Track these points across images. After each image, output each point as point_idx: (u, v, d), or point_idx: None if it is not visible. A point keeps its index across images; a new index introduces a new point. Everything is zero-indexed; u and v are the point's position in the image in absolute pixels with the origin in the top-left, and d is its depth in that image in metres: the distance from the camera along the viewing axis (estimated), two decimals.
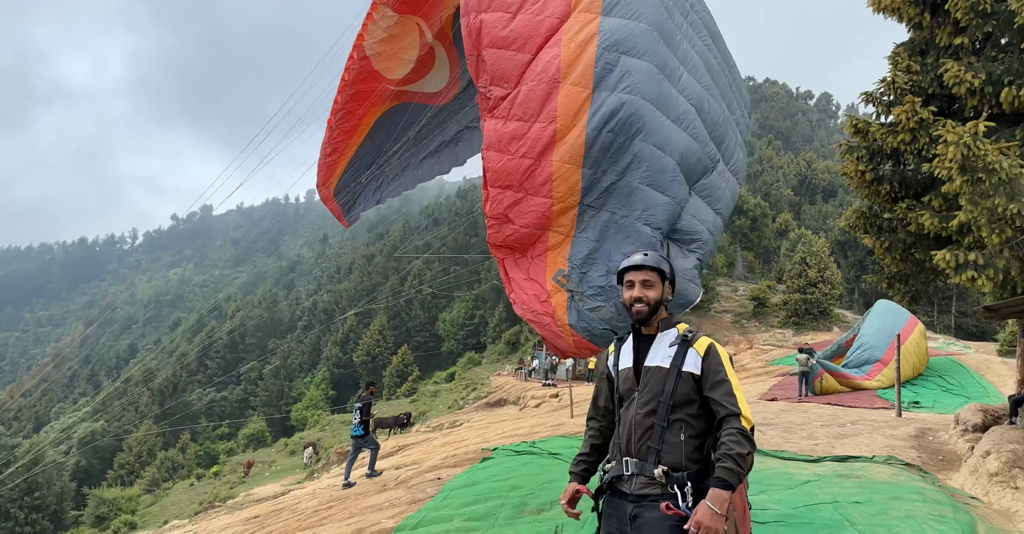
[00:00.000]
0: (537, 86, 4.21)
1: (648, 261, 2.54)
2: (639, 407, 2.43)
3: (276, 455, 40.71)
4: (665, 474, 2.30)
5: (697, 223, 4.43)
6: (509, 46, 4.27)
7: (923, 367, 16.73)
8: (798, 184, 69.93)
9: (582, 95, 4.10)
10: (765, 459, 7.62)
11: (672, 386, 2.38)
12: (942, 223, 5.38)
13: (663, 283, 2.54)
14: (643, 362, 2.50)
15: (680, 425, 2.36)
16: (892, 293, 7.18)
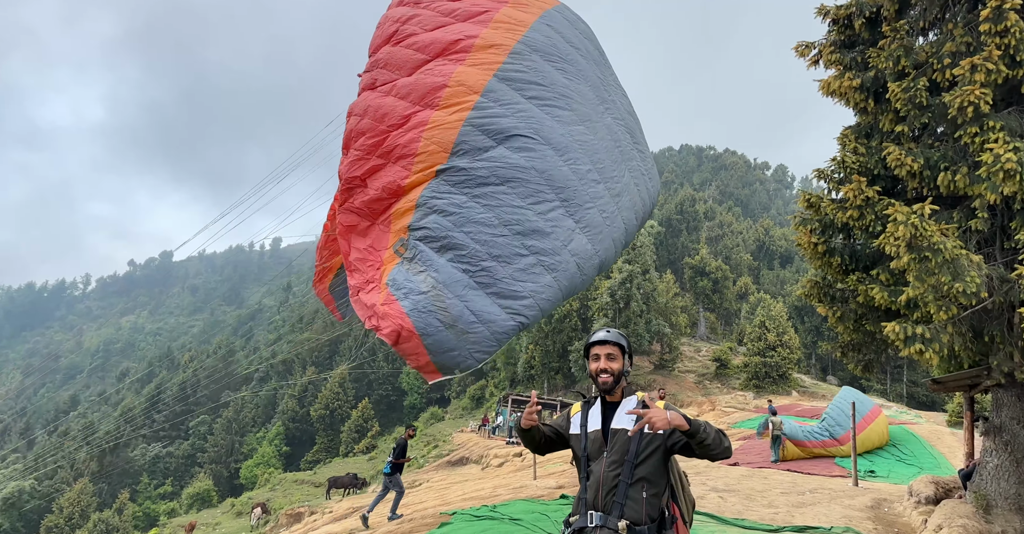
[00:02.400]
0: (424, 78, 4.26)
1: (610, 337, 2.88)
2: (607, 466, 2.69)
3: (221, 516, 38.32)
4: (628, 528, 2.55)
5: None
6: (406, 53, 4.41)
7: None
8: (757, 249, 72.38)
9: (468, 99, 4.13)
10: (727, 527, 7.55)
11: (636, 447, 2.66)
12: (891, 297, 5.63)
13: (623, 356, 2.85)
14: (610, 425, 2.78)
15: (642, 484, 2.62)
16: (846, 361, 7.39)
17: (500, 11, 4.81)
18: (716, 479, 11.83)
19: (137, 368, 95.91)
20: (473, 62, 4.30)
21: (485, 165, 3.96)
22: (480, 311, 3.72)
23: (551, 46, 4.73)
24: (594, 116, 4.71)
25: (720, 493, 10.19)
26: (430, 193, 3.89)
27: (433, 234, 3.81)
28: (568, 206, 4.13)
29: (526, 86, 4.35)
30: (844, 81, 6.69)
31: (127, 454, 62.40)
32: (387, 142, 4.09)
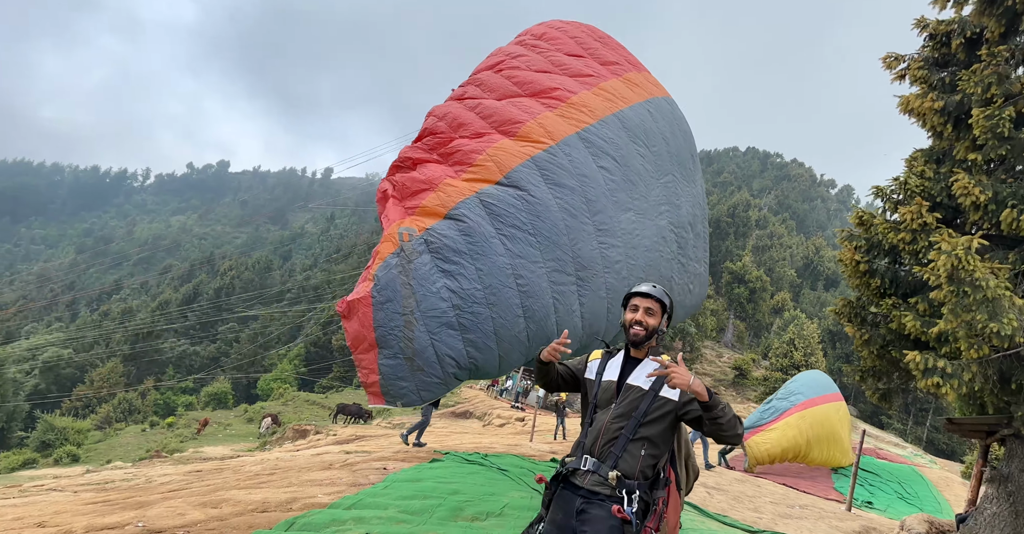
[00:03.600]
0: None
1: (655, 292, 2.84)
2: (612, 418, 2.70)
3: (234, 419, 40.42)
4: (618, 478, 2.55)
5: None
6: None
7: (844, 456, 16.05)
8: (803, 267, 70.37)
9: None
10: (707, 520, 7.73)
11: (646, 406, 2.66)
12: (923, 327, 5.58)
13: (663, 315, 2.83)
14: (626, 379, 2.77)
15: (643, 442, 2.63)
16: (865, 387, 7.36)
17: (608, 81, 4.75)
18: (708, 477, 12.00)
19: (179, 267, 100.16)
20: (562, 113, 4.27)
21: (526, 208, 3.82)
22: (444, 354, 3.54)
23: (642, 131, 4.63)
24: (650, 213, 4.55)
25: (709, 490, 10.37)
26: (466, 210, 3.75)
27: (443, 254, 3.62)
28: (582, 286, 3.96)
29: (601, 155, 4.27)
30: (926, 101, 6.44)
31: (157, 345, 65.93)
32: (452, 144, 4.09)
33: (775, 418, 15.54)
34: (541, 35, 5.07)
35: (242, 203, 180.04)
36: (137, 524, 6.06)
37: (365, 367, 3.48)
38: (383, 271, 3.53)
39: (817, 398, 15.91)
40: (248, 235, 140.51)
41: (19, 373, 52.49)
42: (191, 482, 9.10)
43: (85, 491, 9.02)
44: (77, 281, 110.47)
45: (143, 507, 6.96)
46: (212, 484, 8.57)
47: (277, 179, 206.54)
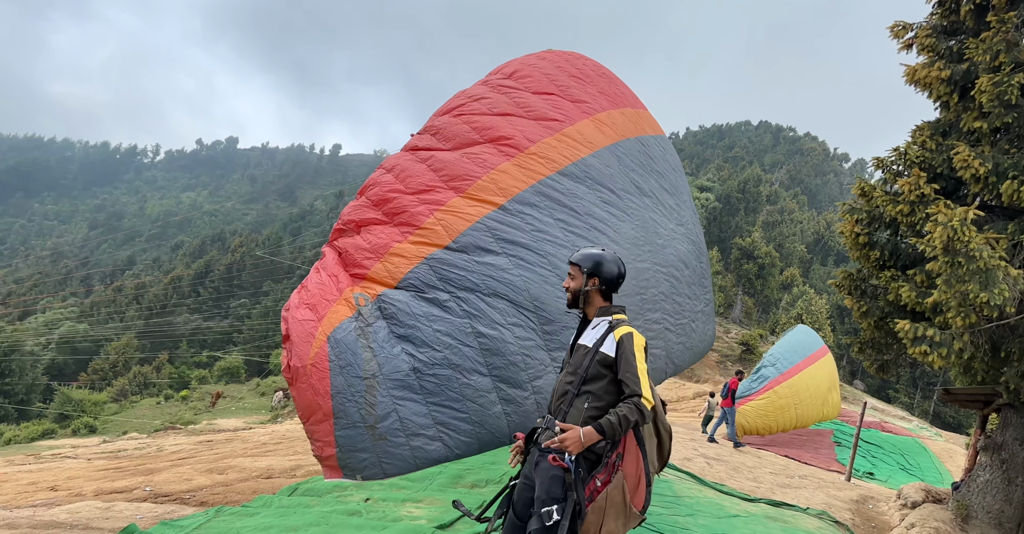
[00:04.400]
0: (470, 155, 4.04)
1: (572, 257, 3.05)
2: (565, 375, 2.91)
3: (246, 393, 41.20)
4: (564, 432, 2.66)
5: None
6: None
7: (834, 410, 16.20)
8: (813, 242, 69.83)
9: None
10: (704, 489, 7.86)
11: (588, 362, 2.80)
12: (919, 298, 5.56)
13: (584, 276, 2.96)
14: (578, 340, 2.96)
15: (588, 396, 2.77)
16: (863, 358, 7.37)
17: (575, 125, 4.53)
18: (709, 448, 12.15)
19: (191, 243, 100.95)
20: (519, 163, 4.08)
21: (479, 270, 3.66)
22: (408, 419, 3.30)
23: (607, 177, 4.48)
24: (626, 256, 4.32)
25: (709, 460, 10.52)
26: (415, 279, 3.57)
27: (399, 318, 3.44)
28: (549, 340, 3.78)
29: (558, 208, 4.09)
30: (932, 70, 6.28)
31: (171, 320, 66.90)
32: (397, 202, 3.84)
33: (763, 387, 15.55)
34: (511, 74, 4.82)
35: (251, 179, 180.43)
36: (145, 488, 6.27)
37: (319, 439, 3.18)
38: (341, 333, 3.31)
39: (802, 362, 15.83)
40: (258, 212, 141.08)
41: (36, 347, 53.55)
42: (200, 451, 9.36)
43: (99, 459, 9.30)
44: (90, 256, 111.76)
45: (152, 473, 7.19)
46: (220, 452, 8.81)
47: (286, 155, 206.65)
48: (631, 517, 2.75)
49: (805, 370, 15.64)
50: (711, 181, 71.41)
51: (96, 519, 4.82)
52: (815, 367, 15.90)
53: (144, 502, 5.62)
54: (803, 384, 15.34)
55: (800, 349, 16.29)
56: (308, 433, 3.19)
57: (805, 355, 16.05)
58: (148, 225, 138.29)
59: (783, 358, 15.95)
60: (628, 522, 2.75)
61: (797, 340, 16.82)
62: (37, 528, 4.40)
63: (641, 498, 2.78)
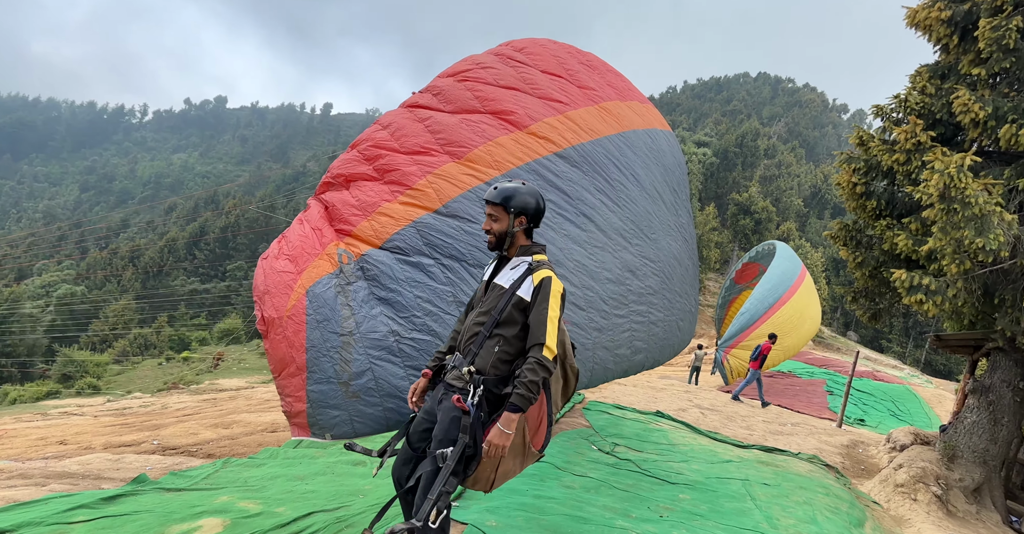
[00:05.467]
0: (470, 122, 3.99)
1: (491, 196, 2.79)
2: (476, 315, 2.78)
3: (247, 354, 41.64)
4: (470, 373, 2.66)
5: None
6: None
7: (815, 328, 16.30)
8: (810, 196, 69.66)
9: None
10: (699, 437, 8.06)
11: (503, 304, 2.68)
12: (914, 246, 5.58)
13: (510, 216, 2.78)
14: (493, 279, 2.83)
15: (499, 339, 2.68)
16: (856, 308, 7.46)
17: (578, 110, 4.46)
18: (704, 400, 12.41)
19: (184, 205, 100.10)
20: (516, 139, 4.03)
21: (465, 239, 3.61)
22: (384, 380, 3.20)
23: (604, 165, 4.42)
24: (611, 246, 4.33)
25: (703, 410, 10.76)
26: (400, 241, 3.49)
27: (381, 281, 3.36)
28: None
29: (548, 188, 4.07)
30: (933, 11, 6.12)
31: (168, 282, 66.96)
32: (389, 160, 3.76)
33: (749, 329, 15.48)
34: (521, 48, 4.73)
35: (242, 140, 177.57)
36: (152, 442, 6.42)
37: (290, 394, 3.07)
38: (320, 288, 3.23)
39: (785, 295, 15.72)
40: (250, 173, 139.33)
41: (35, 308, 53.75)
42: (205, 408, 9.53)
43: (105, 415, 9.46)
44: (84, 219, 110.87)
45: (159, 428, 7.35)
46: (224, 409, 8.97)
47: (276, 115, 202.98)
48: (529, 456, 2.75)
49: (788, 302, 15.53)
50: (708, 136, 70.59)
51: (107, 470, 4.95)
52: (797, 297, 15.75)
53: (152, 455, 5.76)
54: (787, 316, 15.24)
55: (783, 280, 15.91)
56: (279, 388, 3.10)
57: (787, 286, 15.87)
58: (140, 187, 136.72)
59: (766, 296, 15.70)
60: (525, 461, 2.76)
61: (778, 273, 16.26)
62: (50, 478, 4.52)
63: (541, 438, 2.76)
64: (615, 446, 6.66)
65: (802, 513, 5.18)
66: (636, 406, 9.53)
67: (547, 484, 5.01)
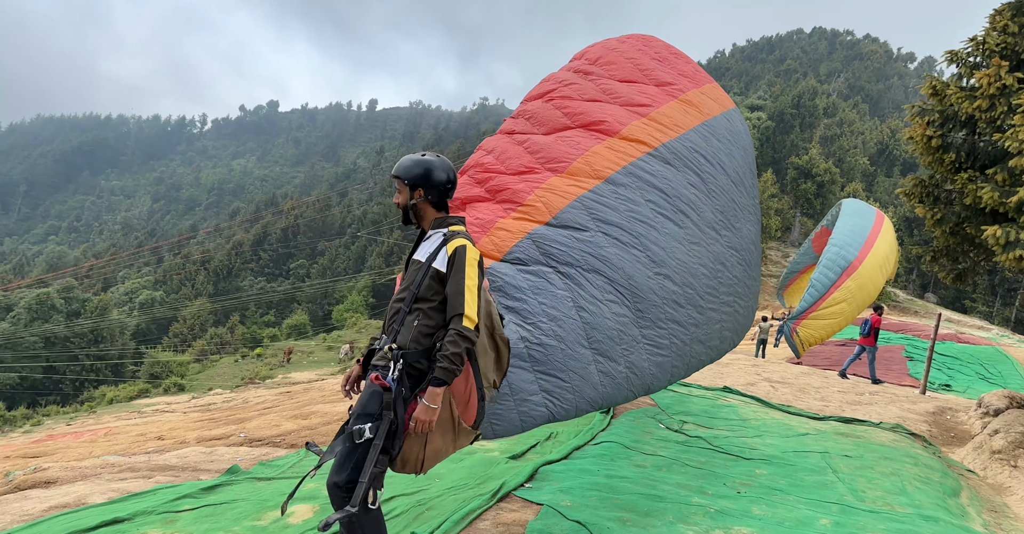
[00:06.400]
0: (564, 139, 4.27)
1: (395, 170, 2.79)
2: (397, 292, 2.74)
3: (315, 347, 43.30)
4: (391, 350, 2.56)
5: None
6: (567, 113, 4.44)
7: (891, 272, 15.14)
8: (877, 153, 65.93)
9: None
10: (770, 411, 7.86)
11: (420, 278, 2.62)
12: (1002, 198, 5.18)
13: (408, 189, 2.76)
14: (413, 255, 2.79)
15: (419, 314, 2.60)
16: (936, 269, 7.02)
17: (661, 107, 4.61)
18: (773, 373, 12.05)
19: (246, 209, 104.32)
20: (611, 146, 4.23)
21: (577, 246, 3.83)
22: (517, 385, 3.41)
23: (694, 159, 4.54)
24: (705, 240, 4.44)
25: (773, 384, 10.45)
26: (520, 252, 3.74)
27: (506, 291, 3.61)
28: (639, 319, 3.91)
29: (648, 189, 4.21)
30: None
31: (237, 283, 70.14)
32: (498, 181, 4.09)
33: (821, 298, 14.50)
34: (596, 59, 4.97)
35: (295, 142, 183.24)
36: (240, 434, 6.77)
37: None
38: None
39: (858, 256, 14.45)
40: (305, 174, 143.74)
41: (121, 314, 57.44)
42: (282, 400, 9.97)
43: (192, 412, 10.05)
44: (157, 227, 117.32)
45: (243, 421, 7.75)
46: (300, 401, 9.36)
47: (325, 115, 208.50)
48: (462, 433, 2.66)
49: (864, 261, 14.33)
50: (762, 99, 67.71)
51: (203, 462, 5.26)
52: (875, 251, 14.48)
53: (241, 446, 6.08)
54: (865, 274, 14.12)
55: (856, 237, 14.61)
56: None
57: (861, 242, 14.60)
58: (205, 194, 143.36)
59: (838, 258, 14.51)
60: (459, 438, 2.66)
61: (849, 230, 14.98)
62: (155, 470, 4.85)
63: (472, 414, 2.68)
64: (683, 423, 6.57)
65: (889, 484, 4.99)
66: (702, 383, 9.35)
67: (617, 463, 5.00)
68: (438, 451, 2.58)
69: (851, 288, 13.75)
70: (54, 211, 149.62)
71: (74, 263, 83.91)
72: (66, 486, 4.45)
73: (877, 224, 14.67)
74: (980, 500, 5.18)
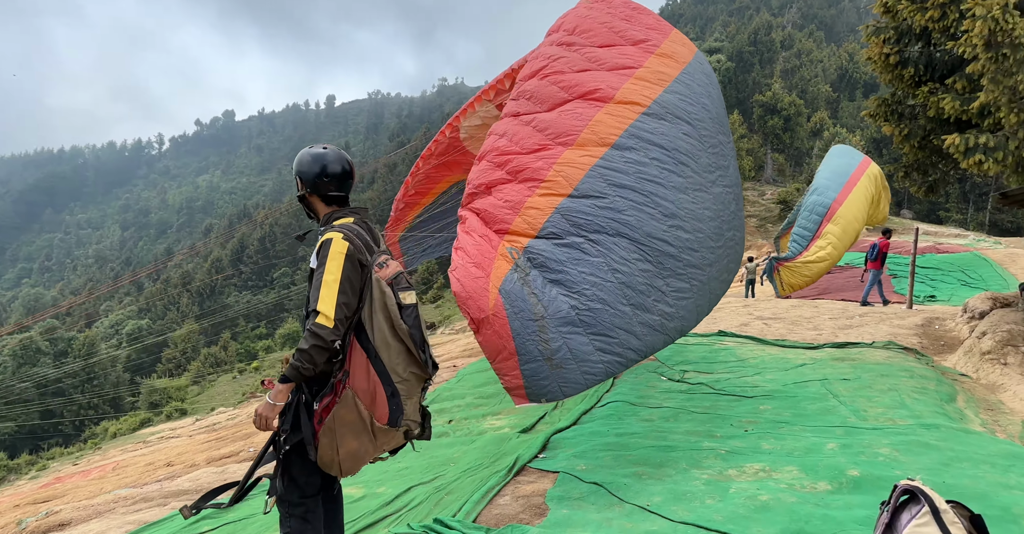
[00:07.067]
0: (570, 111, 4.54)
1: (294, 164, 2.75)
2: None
3: None
4: (287, 359, 2.46)
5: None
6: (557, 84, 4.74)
7: (882, 215, 15.50)
8: (837, 79, 65.99)
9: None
10: (766, 347, 7.96)
11: (309, 281, 2.55)
12: (963, 106, 5.19)
13: (298, 181, 2.74)
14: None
15: (313, 314, 2.45)
16: (909, 184, 7.08)
17: (644, 65, 4.89)
18: (764, 310, 12.18)
19: (219, 224, 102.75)
20: (609, 112, 4.49)
21: (600, 213, 4.12)
22: (576, 349, 3.82)
23: (683, 109, 4.80)
24: (705, 185, 4.73)
25: (765, 321, 10.56)
26: (552, 227, 4.04)
27: (549, 266, 3.94)
28: (662, 271, 4.24)
29: (650, 147, 4.48)
30: None
31: (222, 300, 69.49)
32: (517, 162, 4.32)
33: (805, 248, 14.79)
34: (574, 29, 5.23)
35: (258, 150, 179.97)
36: (248, 449, 6.75)
37: (507, 374, 3.77)
38: (509, 285, 3.83)
39: (842, 192, 14.57)
40: (273, 181, 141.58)
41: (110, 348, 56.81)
42: None
43: (199, 434, 9.99)
44: (131, 255, 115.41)
45: (249, 437, 7.72)
46: None
47: (284, 118, 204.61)
48: (380, 433, 2.49)
49: (847, 199, 14.48)
50: (719, 40, 67.19)
51: (215, 482, 5.24)
52: (858, 189, 14.63)
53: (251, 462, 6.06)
54: (848, 213, 14.32)
55: (837, 177, 14.81)
56: (497, 370, 3.79)
57: (843, 182, 14.75)
58: (175, 215, 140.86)
59: (819, 203, 14.65)
60: (378, 439, 2.50)
61: (831, 170, 15.17)
62: (168, 497, 4.83)
63: (383, 411, 2.48)
64: (684, 373, 6.64)
65: (889, 400, 5.09)
66: (696, 331, 9.43)
67: (626, 421, 5.05)
68: (354, 453, 2.46)
69: (834, 232, 13.95)
70: (23, 253, 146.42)
71: (52, 303, 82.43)
72: (81, 526, 4.41)
73: (861, 167, 14.83)
74: (976, 401, 5.32)
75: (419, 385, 2.61)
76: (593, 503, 3.48)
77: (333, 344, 2.36)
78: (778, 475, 3.71)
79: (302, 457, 2.45)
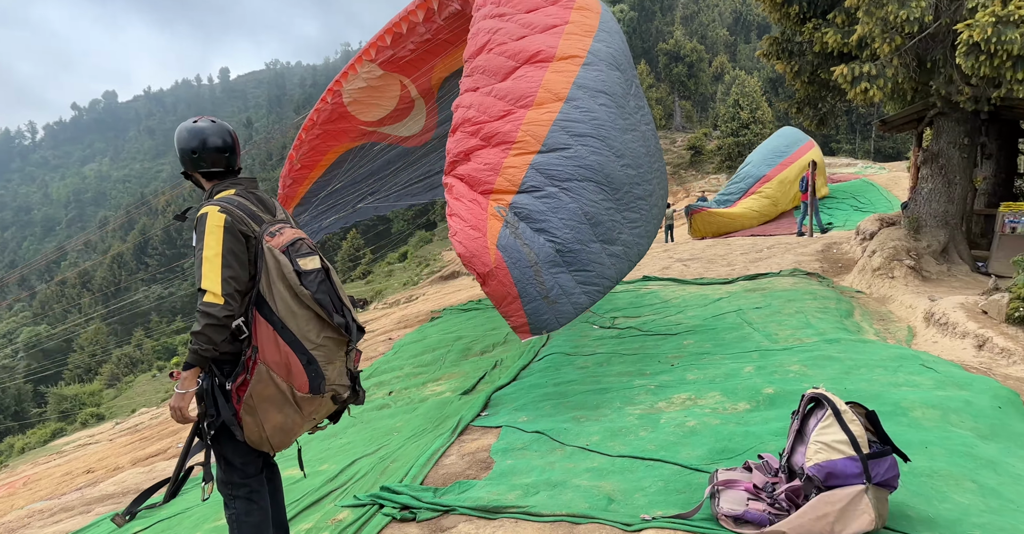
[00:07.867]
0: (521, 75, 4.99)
1: None
2: None
3: None
4: None
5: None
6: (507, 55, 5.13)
7: (821, 194, 16.77)
8: (734, 22, 67.94)
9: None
10: (686, 287, 8.34)
11: None
12: (844, 39, 5.48)
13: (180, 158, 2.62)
14: None
15: (201, 294, 2.35)
16: (801, 118, 7.47)
17: (569, 20, 5.34)
18: (682, 252, 12.70)
19: (115, 216, 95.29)
20: (555, 70, 4.95)
21: (569, 163, 4.63)
22: (564, 285, 4.44)
23: (611, 55, 5.28)
24: (639, 124, 5.26)
25: (684, 262, 11.03)
26: (530, 181, 4.54)
27: (533, 217, 4.47)
28: (618, 205, 4.82)
29: (597, 94, 4.96)
30: None
31: (130, 297, 65.13)
32: (488, 129, 4.76)
33: (730, 205, 16.01)
34: (499, 1, 5.58)
35: (149, 132, 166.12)
36: (177, 445, 6.46)
37: (512, 315, 4.35)
38: (504, 240, 4.37)
39: (774, 169, 16.01)
40: (171, 165, 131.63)
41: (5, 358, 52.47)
42: None
43: (120, 437, 9.46)
44: (15, 257, 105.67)
45: (177, 433, 7.38)
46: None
47: (175, 96, 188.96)
48: (304, 402, 2.40)
49: (781, 173, 15.86)
50: None
51: (143, 482, 4.99)
52: (794, 166, 16.04)
53: None
54: (778, 186, 15.67)
55: (775, 153, 16.31)
56: (503, 313, 4.40)
57: (781, 159, 16.14)
58: (62, 210, 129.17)
59: (753, 174, 16.09)
60: (304, 408, 2.41)
61: (773, 145, 16.80)
62: (92, 503, 4.56)
63: (302, 380, 2.40)
64: (614, 319, 6.86)
65: (796, 322, 5.47)
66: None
67: (563, 371, 5.18)
68: (280, 426, 2.38)
69: (755, 203, 15.11)
70: None
71: None
72: None
73: (801, 151, 16.03)
74: (870, 314, 5.81)
75: (339, 349, 2.51)
76: (536, 450, 3.58)
77: (227, 320, 2.25)
78: (703, 401, 3.94)
79: (232, 440, 2.37)
